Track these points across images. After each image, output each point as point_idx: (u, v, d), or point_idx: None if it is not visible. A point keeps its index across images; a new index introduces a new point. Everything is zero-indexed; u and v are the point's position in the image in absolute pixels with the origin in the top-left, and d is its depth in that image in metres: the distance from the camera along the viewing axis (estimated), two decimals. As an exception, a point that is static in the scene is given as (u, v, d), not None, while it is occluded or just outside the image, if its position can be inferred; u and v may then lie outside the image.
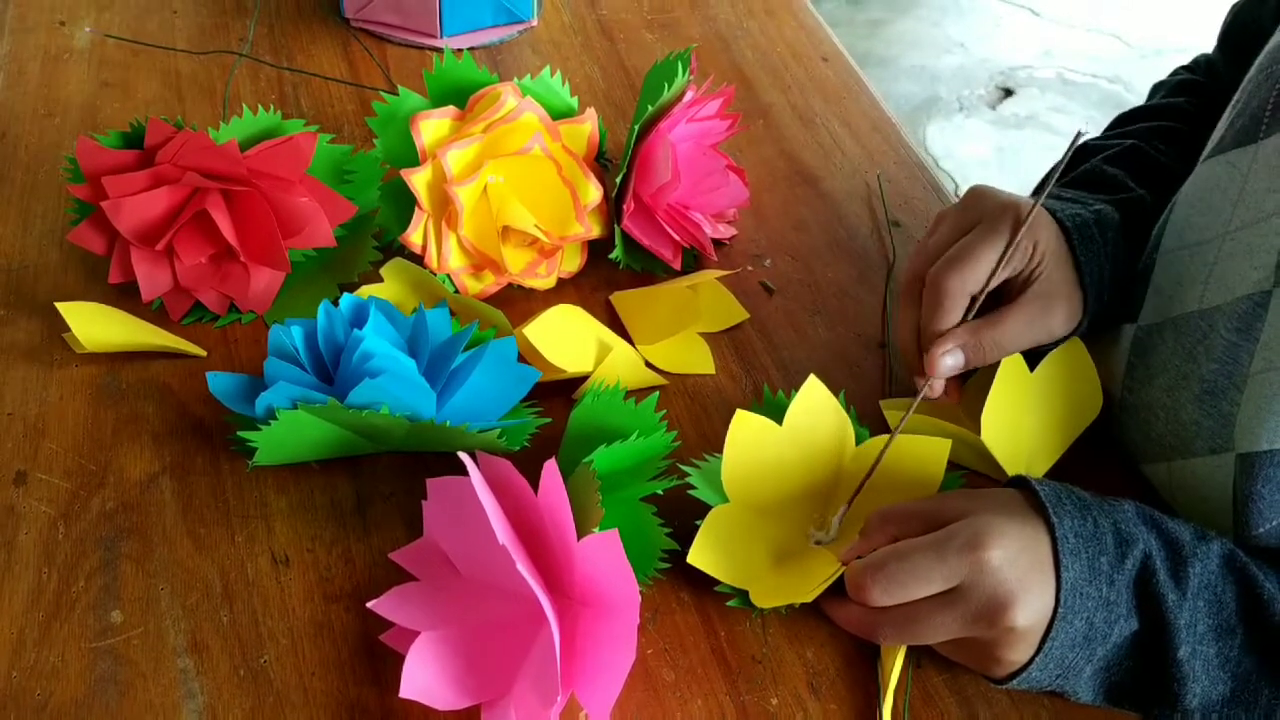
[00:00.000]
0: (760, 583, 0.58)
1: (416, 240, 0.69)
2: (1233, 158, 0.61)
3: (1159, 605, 0.52)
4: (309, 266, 0.72)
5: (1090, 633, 0.52)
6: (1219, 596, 0.52)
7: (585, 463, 0.57)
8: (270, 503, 0.61)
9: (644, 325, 0.71)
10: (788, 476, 0.61)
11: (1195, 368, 0.59)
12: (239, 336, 0.70)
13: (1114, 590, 0.52)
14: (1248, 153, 0.60)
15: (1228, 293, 0.58)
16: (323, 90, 0.89)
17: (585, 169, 0.71)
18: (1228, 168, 0.61)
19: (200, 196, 0.67)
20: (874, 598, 0.53)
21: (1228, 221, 0.60)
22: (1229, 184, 0.60)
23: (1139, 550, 0.53)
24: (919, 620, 0.53)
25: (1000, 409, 0.62)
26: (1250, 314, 0.57)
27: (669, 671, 0.56)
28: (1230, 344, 0.58)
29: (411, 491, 0.62)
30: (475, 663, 0.54)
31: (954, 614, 0.52)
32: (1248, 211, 0.59)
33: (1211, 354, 0.58)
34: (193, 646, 0.55)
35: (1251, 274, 0.57)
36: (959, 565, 0.52)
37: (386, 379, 0.58)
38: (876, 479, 0.61)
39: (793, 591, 0.57)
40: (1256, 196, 0.58)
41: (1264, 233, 0.57)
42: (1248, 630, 0.53)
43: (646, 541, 0.58)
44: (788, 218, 0.80)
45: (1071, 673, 0.53)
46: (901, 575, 0.53)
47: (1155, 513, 0.55)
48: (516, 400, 0.63)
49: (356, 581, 0.58)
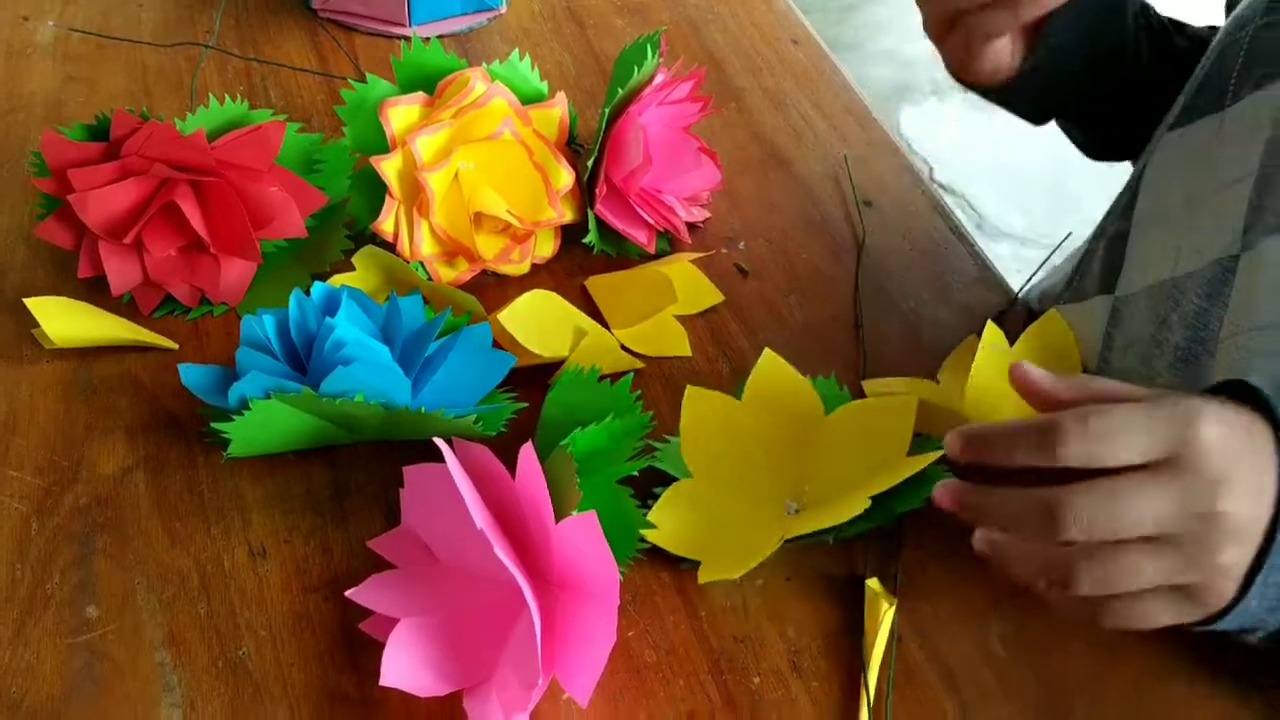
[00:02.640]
0: (715, 556, 0.58)
1: (388, 228, 0.69)
2: (1200, 125, 0.61)
3: None
4: (280, 257, 0.72)
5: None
6: None
7: (562, 445, 0.57)
8: (246, 494, 0.61)
9: (619, 309, 0.70)
10: (752, 449, 0.61)
11: (1169, 335, 0.59)
12: (211, 329, 0.69)
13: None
14: (1214, 120, 0.60)
15: (1198, 259, 0.59)
16: (291, 81, 0.88)
17: (557, 154, 0.70)
18: (1195, 135, 0.61)
19: (168, 188, 0.67)
20: (1068, 448, 0.45)
21: (1199, 188, 0.60)
22: (1196, 152, 0.61)
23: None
24: (1120, 496, 0.45)
25: (982, 381, 0.62)
26: (1219, 279, 0.57)
27: (650, 653, 0.56)
28: (1200, 310, 0.58)
29: (388, 480, 0.62)
30: (456, 649, 0.54)
31: (1162, 492, 0.45)
32: (1215, 178, 0.59)
33: (1184, 321, 0.59)
34: (170, 640, 0.55)
35: (1220, 239, 0.58)
36: (1170, 430, 0.45)
37: (360, 367, 0.57)
38: (842, 443, 0.61)
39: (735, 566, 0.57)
40: (1224, 162, 0.59)
41: (1232, 198, 0.57)
42: None
43: (625, 523, 0.58)
44: (761, 200, 0.80)
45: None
46: (1102, 428, 0.45)
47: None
48: (492, 386, 0.63)
49: (334, 571, 0.58)
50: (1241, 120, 0.59)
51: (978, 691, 0.55)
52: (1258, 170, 0.56)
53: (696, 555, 0.58)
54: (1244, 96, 0.59)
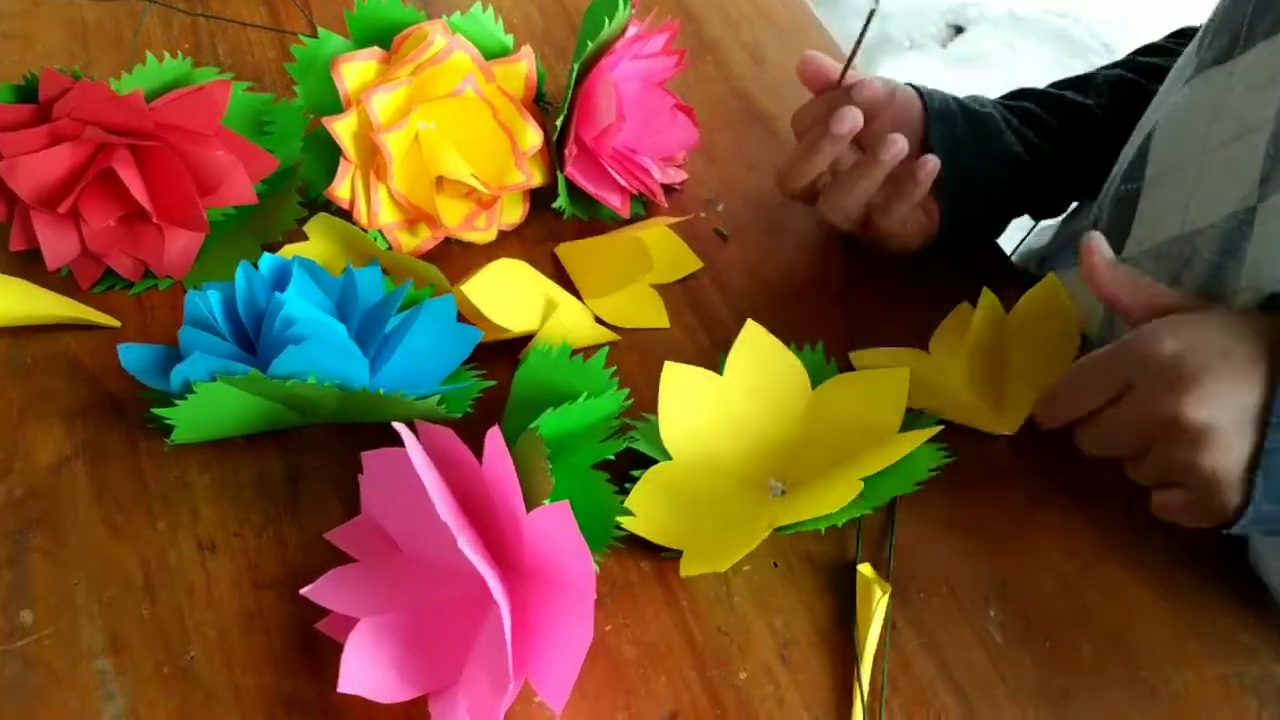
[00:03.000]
0: (698, 545, 0.54)
1: (343, 194, 0.65)
2: (1209, 76, 0.58)
3: None
4: (229, 226, 0.67)
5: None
6: None
7: (531, 428, 0.53)
8: (193, 483, 0.57)
9: (592, 278, 0.66)
10: (735, 428, 0.58)
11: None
12: (155, 304, 0.65)
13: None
14: (1224, 69, 0.57)
15: (1210, 213, 0.56)
16: (241, 37, 0.83)
17: (523, 112, 0.66)
18: (1205, 86, 0.58)
19: (105, 153, 0.62)
20: (1050, 417, 0.54)
21: (1205, 139, 0.57)
22: (1206, 103, 0.58)
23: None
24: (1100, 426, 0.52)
25: (981, 350, 0.59)
26: (1234, 233, 0.54)
27: (630, 648, 0.52)
28: (1214, 266, 0.55)
29: (346, 464, 0.58)
30: (420, 649, 0.50)
31: (1126, 409, 0.50)
32: (1226, 128, 0.56)
33: (1195, 279, 0.56)
34: (111, 645, 0.51)
35: (1234, 191, 0.55)
36: (1123, 359, 0.50)
37: (312, 345, 0.53)
38: (832, 422, 0.58)
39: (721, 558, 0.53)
40: (1236, 111, 0.56)
41: (1246, 147, 0.54)
42: None
43: (600, 510, 0.54)
44: (740, 159, 0.76)
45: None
46: (1068, 385, 0.52)
47: None
48: (457, 363, 0.59)
49: (289, 566, 0.54)
50: (1254, 69, 0.55)
51: (976, 682, 0.52)
52: (1273, 120, 0.53)
53: (678, 544, 0.54)
54: (1256, 44, 0.55)
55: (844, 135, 0.62)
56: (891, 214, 0.64)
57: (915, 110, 0.66)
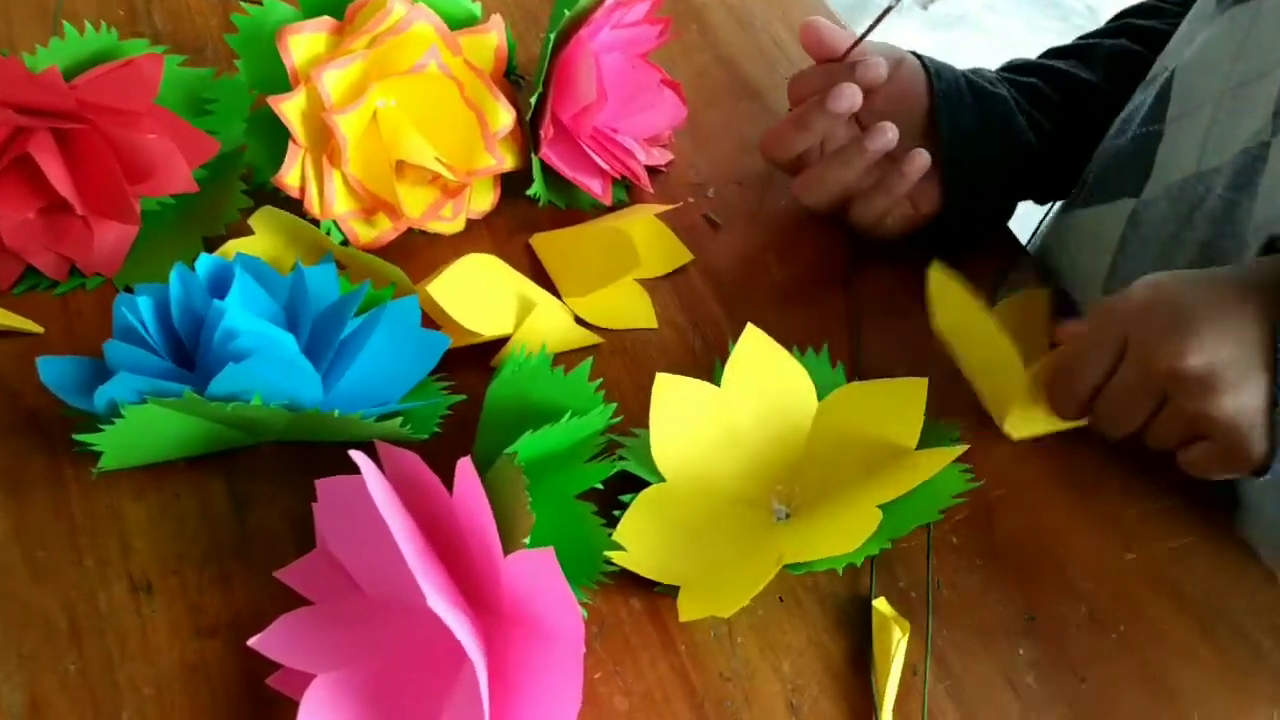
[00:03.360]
0: (698, 580, 0.48)
1: (293, 181, 0.58)
2: (1234, 13, 0.55)
3: None
4: (166, 217, 0.60)
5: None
6: None
7: (508, 454, 0.47)
8: (125, 513, 0.50)
9: (572, 273, 0.60)
10: (735, 445, 0.52)
11: (1191, 233, 0.55)
12: (84, 307, 0.58)
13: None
14: (1249, 8, 0.55)
15: (1225, 151, 0.53)
16: (181, 4, 0.75)
17: (493, 88, 0.59)
18: (1229, 23, 0.56)
19: (21, 138, 0.55)
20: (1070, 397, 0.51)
21: (1227, 77, 0.55)
22: (1228, 41, 0.55)
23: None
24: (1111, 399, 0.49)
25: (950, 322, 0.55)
26: (1249, 168, 0.52)
27: (621, 699, 0.47)
28: (1228, 203, 0.53)
29: (299, 491, 0.51)
30: (384, 708, 0.44)
31: (1126, 369, 0.48)
32: (1249, 65, 0.54)
33: (1208, 216, 0.53)
34: (31, 707, 0.45)
35: (1250, 125, 0.52)
36: (1108, 322, 0.48)
37: (257, 361, 0.47)
38: (841, 437, 0.53)
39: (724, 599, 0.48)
40: (1260, 49, 0.53)
41: (1265, 85, 0.52)
42: None
43: (586, 543, 0.48)
44: (731, 138, 0.70)
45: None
46: (1068, 366, 0.50)
47: None
48: (422, 374, 0.53)
49: (235, 609, 0.48)
50: (1277, 7, 0.53)
51: (1004, 728, 0.47)
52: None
53: (674, 579, 0.49)
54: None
55: (840, 114, 0.58)
56: (872, 205, 0.60)
57: (920, 87, 0.61)
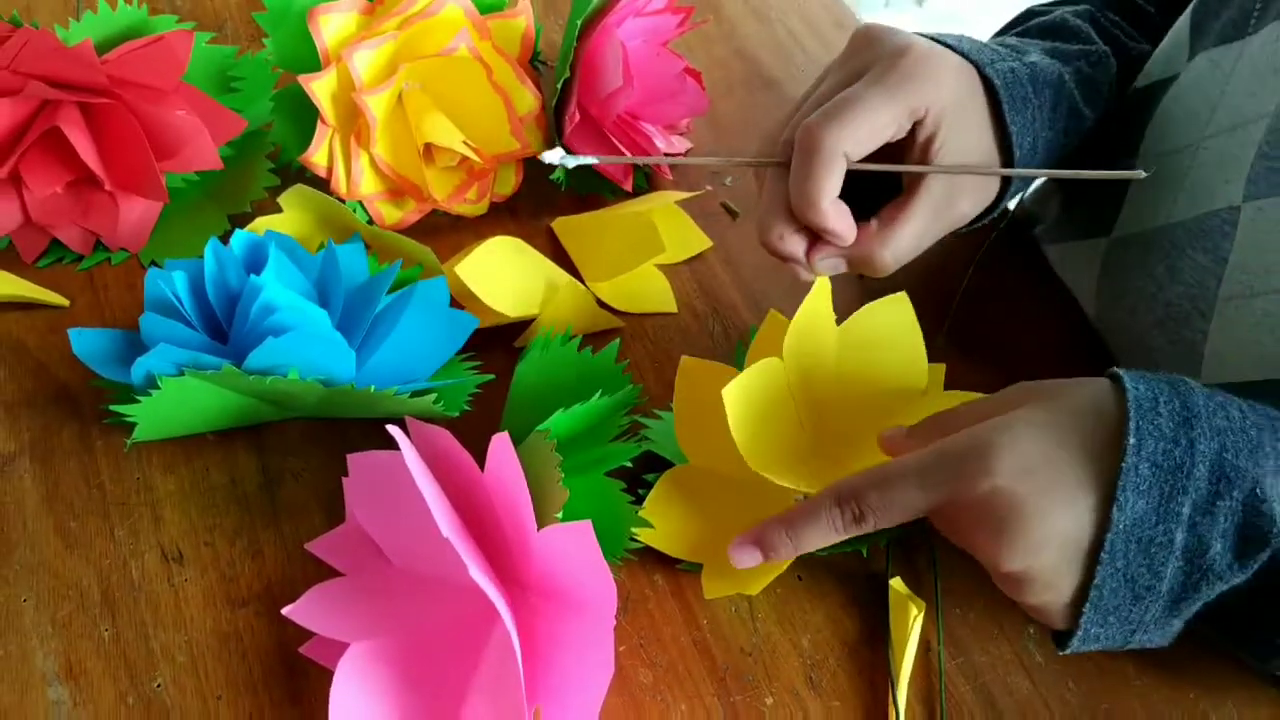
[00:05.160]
0: (720, 559, 0.49)
1: (320, 161, 0.58)
2: (1217, 55, 0.53)
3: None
4: (191, 194, 0.61)
5: (1153, 581, 0.41)
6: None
7: (540, 431, 0.48)
8: (157, 485, 0.51)
9: (594, 258, 0.61)
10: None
11: (1160, 290, 0.53)
12: (109, 280, 0.59)
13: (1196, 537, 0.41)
14: (1233, 50, 0.52)
15: (1196, 207, 0.51)
16: (199, -20, 0.76)
17: (520, 73, 0.60)
18: (1211, 66, 0.53)
19: (50, 111, 0.56)
20: (868, 522, 0.44)
21: (1205, 126, 0.52)
22: (1210, 84, 0.53)
23: (1239, 494, 0.40)
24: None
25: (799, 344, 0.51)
26: (1219, 232, 0.50)
27: (646, 671, 0.48)
28: (1197, 265, 0.51)
29: (329, 465, 0.52)
30: (418, 676, 0.45)
31: (946, 526, 0.44)
32: (1226, 116, 0.51)
33: (1177, 275, 0.52)
34: (67, 672, 0.45)
35: (1222, 187, 0.50)
36: (940, 490, 0.43)
37: (294, 337, 0.47)
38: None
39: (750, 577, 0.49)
40: (1237, 99, 0.51)
41: (1240, 141, 0.50)
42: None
43: (613, 520, 0.49)
44: (748, 128, 0.71)
45: (1144, 628, 0.43)
46: (879, 503, 0.44)
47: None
48: (451, 353, 0.54)
49: (267, 579, 0.49)
50: (1262, 51, 0.51)
51: (1016, 706, 0.48)
52: (1273, 112, 0.49)
53: (698, 556, 0.50)
54: (1267, 24, 0.51)
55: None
56: (814, 263, 0.52)
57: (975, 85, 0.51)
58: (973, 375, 0.58)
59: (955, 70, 0.49)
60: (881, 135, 0.48)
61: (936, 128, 0.49)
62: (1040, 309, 0.62)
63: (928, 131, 0.49)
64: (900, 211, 0.50)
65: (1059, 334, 0.61)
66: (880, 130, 0.48)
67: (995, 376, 0.59)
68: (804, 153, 0.48)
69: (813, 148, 0.47)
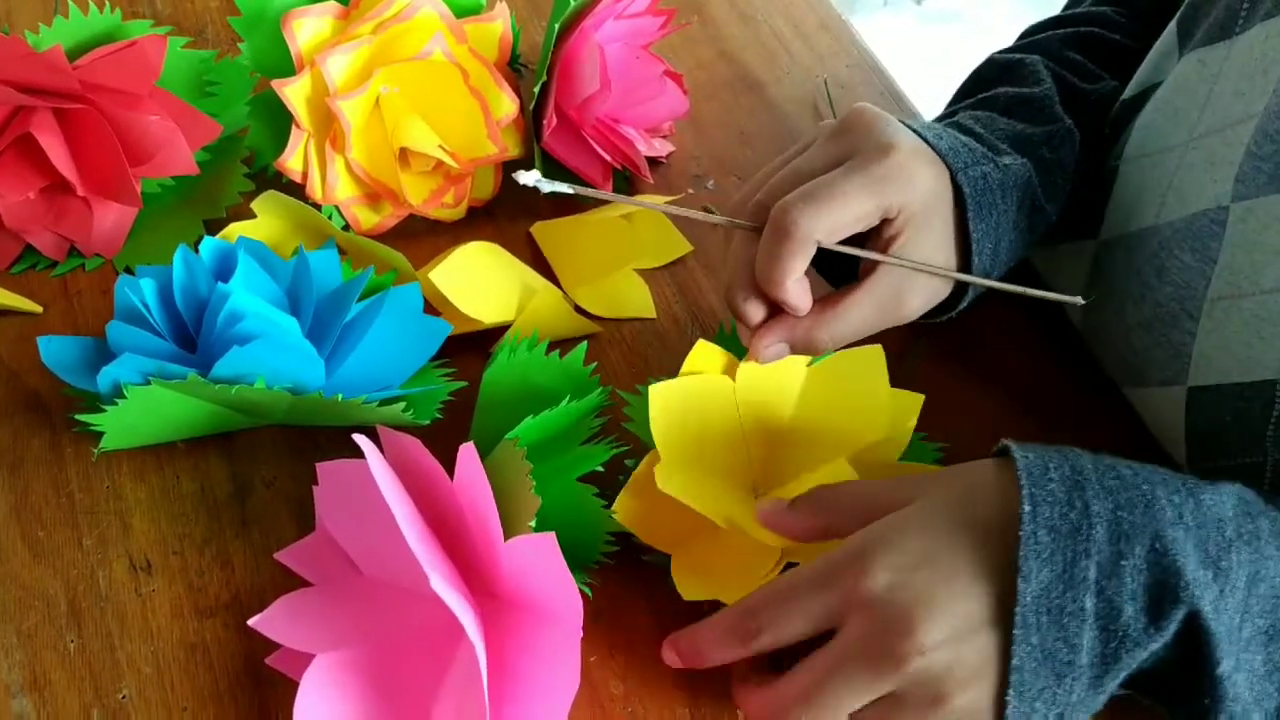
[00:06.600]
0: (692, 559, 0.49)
1: (295, 166, 0.58)
2: (1203, 55, 0.53)
3: (1198, 621, 0.40)
4: (166, 199, 0.60)
5: (1071, 655, 0.40)
6: (1276, 590, 0.42)
7: (509, 439, 0.47)
8: (127, 494, 0.51)
9: (572, 263, 0.60)
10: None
11: (1147, 291, 0.52)
12: (83, 287, 0.58)
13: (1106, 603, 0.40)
14: (1219, 50, 0.52)
15: (1184, 208, 0.51)
16: (181, -16, 0.75)
17: (497, 77, 0.60)
18: (1198, 66, 0.53)
19: (23, 117, 0.55)
20: (759, 641, 0.43)
21: (1193, 127, 0.52)
22: (1198, 85, 0.52)
23: (1141, 549, 0.40)
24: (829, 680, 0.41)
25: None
26: (1207, 233, 0.49)
27: (617, 682, 0.47)
28: (1185, 266, 0.50)
29: (299, 474, 0.52)
30: (384, 687, 0.45)
31: (850, 667, 0.41)
32: (1214, 117, 0.51)
33: (1165, 276, 0.51)
34: (31, 683, 0.45)
35: (1210, 187, 0.50)
36: (832, 600, 0.42)
37: (260, 345, 0.47)
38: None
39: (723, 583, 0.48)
40: (1224, 100, 0.50)
41: (1228, 141, 0.49)
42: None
43: (586, 526, 0.49)
44: (731, 130, 0.70)
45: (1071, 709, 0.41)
46: (770, 620, 0.43)
47: (1191, 482, 0.43)
48: (424, 361, 0.53)
49: (235, 589, 0.48)
50: (1250, 52, 0.50)
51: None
52: (1261, 113, 0.48)
53: (670, 546, 0.49)
54: (1255, 24, 0.50)
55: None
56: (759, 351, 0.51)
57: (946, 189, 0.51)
58: (952, 382, 0.58)
59: (932, 173, 0.50)
60: (853, 227, 0.49)
61: (904, 227, 0.49)
62: (1023, 314, 0.61)
63: (894, 229, 0.49)
64: (846, 298, 0.50)
65: (1042, 339, 0.60)
66: (853, 223, 0.48)
67: (975, 383, 0.58)
68: (777, 233, 0.48)
69: (786, 231, 0.47)
